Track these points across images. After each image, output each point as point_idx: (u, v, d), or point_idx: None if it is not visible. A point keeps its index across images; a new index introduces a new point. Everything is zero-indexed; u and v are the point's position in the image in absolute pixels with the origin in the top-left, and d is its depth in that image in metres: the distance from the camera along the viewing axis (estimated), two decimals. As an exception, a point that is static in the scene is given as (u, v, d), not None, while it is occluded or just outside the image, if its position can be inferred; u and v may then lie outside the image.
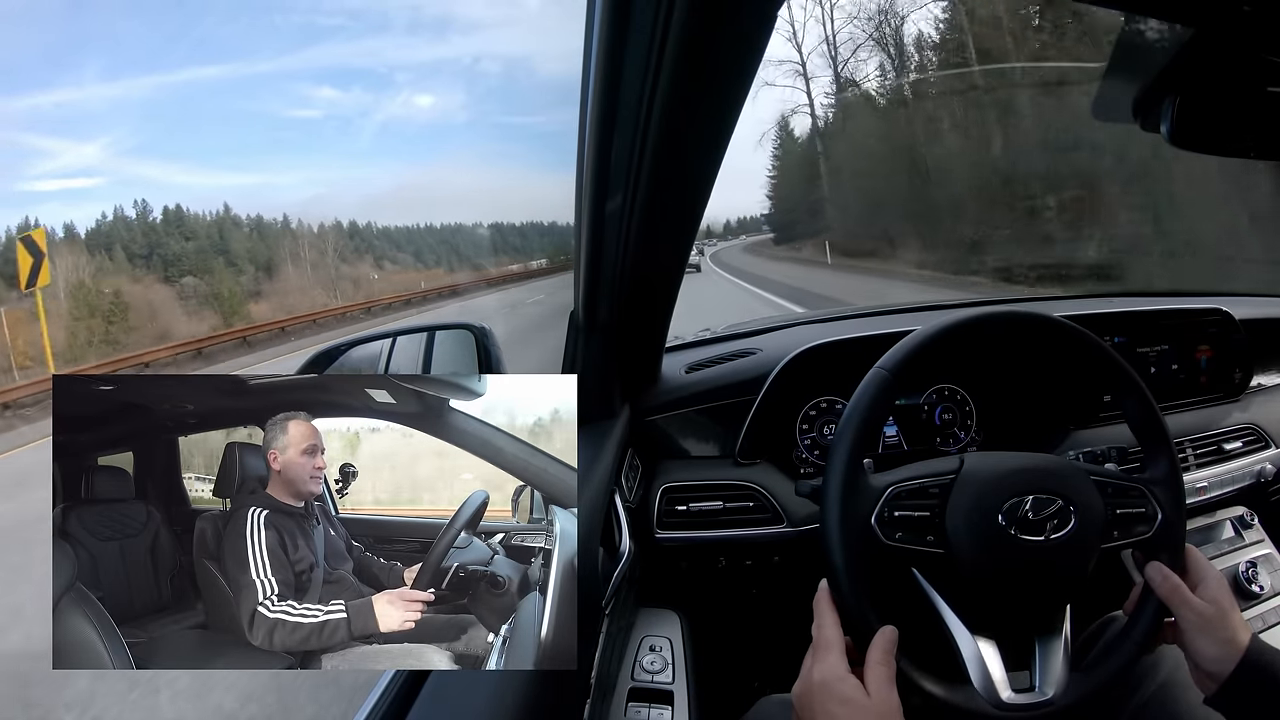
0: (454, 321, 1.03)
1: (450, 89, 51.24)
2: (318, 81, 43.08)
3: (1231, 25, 0.41)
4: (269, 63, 41.49)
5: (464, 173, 47.24)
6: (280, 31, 41.30)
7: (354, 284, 24.65)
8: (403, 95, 48.05)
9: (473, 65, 51.89)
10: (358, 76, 44.73)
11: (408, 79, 46.75)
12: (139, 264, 22.21)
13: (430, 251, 32.09)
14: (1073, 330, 0.68)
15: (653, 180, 0.61)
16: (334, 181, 41.86)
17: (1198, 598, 0.59)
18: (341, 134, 43.36)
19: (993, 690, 0.58)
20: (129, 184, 37.73)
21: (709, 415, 1.09)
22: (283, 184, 39.96)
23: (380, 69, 47.43)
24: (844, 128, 17.18)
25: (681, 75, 0.48)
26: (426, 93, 48.91)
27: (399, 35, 47.73)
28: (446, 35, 52.87)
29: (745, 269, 17.79)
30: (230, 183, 38.90)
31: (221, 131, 37.55)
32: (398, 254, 30.75)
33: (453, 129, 48.64)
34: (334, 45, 44.70)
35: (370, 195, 45.81)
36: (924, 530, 0.61)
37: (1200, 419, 1.14)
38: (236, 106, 38.85)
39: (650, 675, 0.86)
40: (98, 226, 22.78)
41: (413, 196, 42.05)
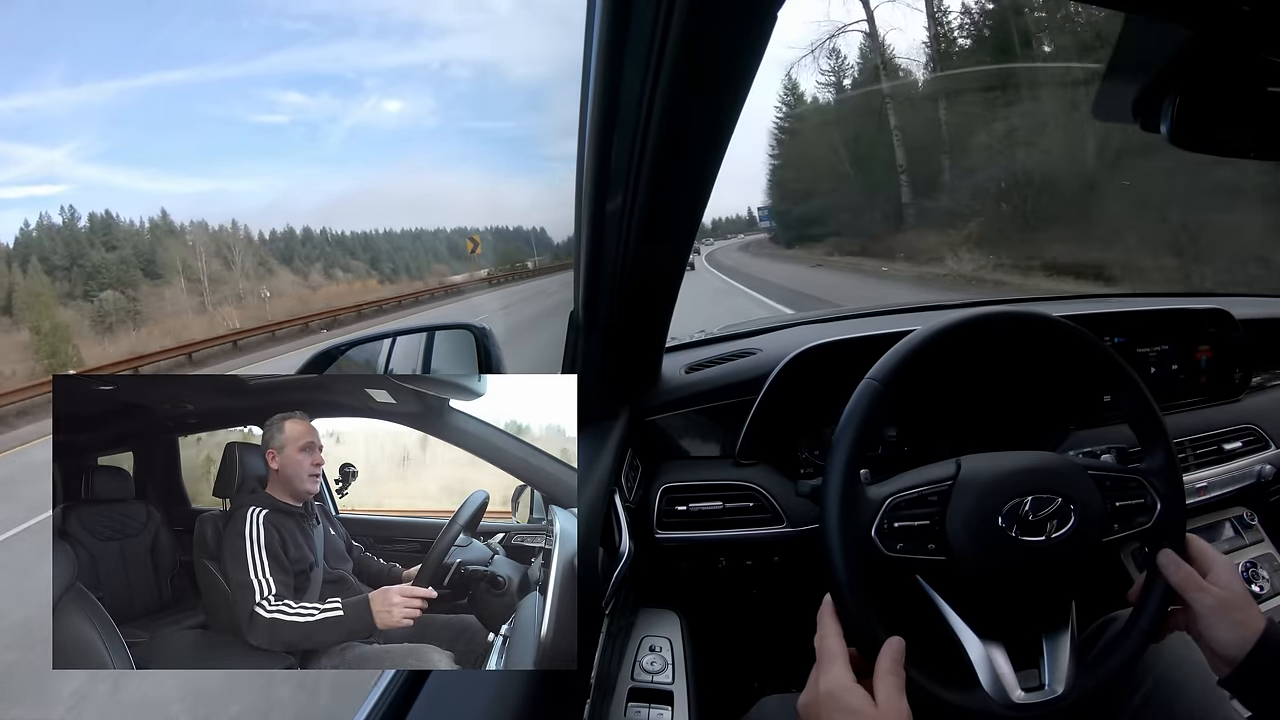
0: (454, 321, 1.03)
1: (419, 94, 50.90)
2: (284, 86, 42.71)
3: (1231, 25, 0.41)
4: (235, 67, 41.00)
5: (427, 177, 46.83)
6: (247, 35, 40.86)
7: (263, 300, 21.34)
8: (371, 100, 47.68)
9: (441, 70, 51.52)
10: (325, 81, 44.25)
11: (376, 84, 46.34)
12: (59, 276, 20.29)
13: (387, 259, 30.96)
14: (1063, 326, 0.68)
15: (653, 180, 0.61)
16: (290, 189, 41.11)
17: (1210, 584, 0.60)
18: (309, 139, 42.82)
19: (1003, 692, 0.58)
20: (94, 190, 37.22)
21: (709, 415, 1.09)
22: (239, 190, 39.30)
23: (348, 74, 47.03)
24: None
25: (681, 75, 0.48)
26: (395, 98, 48.50)
27: (367, 40, 47.19)
28: (415, 40, 52.36)
29: (768, 278, 13.89)
30: (189, 189, 37.95)
31: (187, 137, 37.01)
32: (351, 261, 29.36)
33: (421, 134, 48.23)
34: (301, 50, 44.16)
35: (326, 201, 45.03)
36: (925, 539, 0.61)
37: (1200, 419, 1.14)
38: (202, 111, 38.25)
39: (650, 675, 0.86)
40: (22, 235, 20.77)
41: (371, 202, 41.36)
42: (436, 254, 32.60)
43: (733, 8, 0.44)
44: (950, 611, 0.62)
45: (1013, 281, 9.08)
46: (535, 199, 10.17)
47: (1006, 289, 8.37)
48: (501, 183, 50.87)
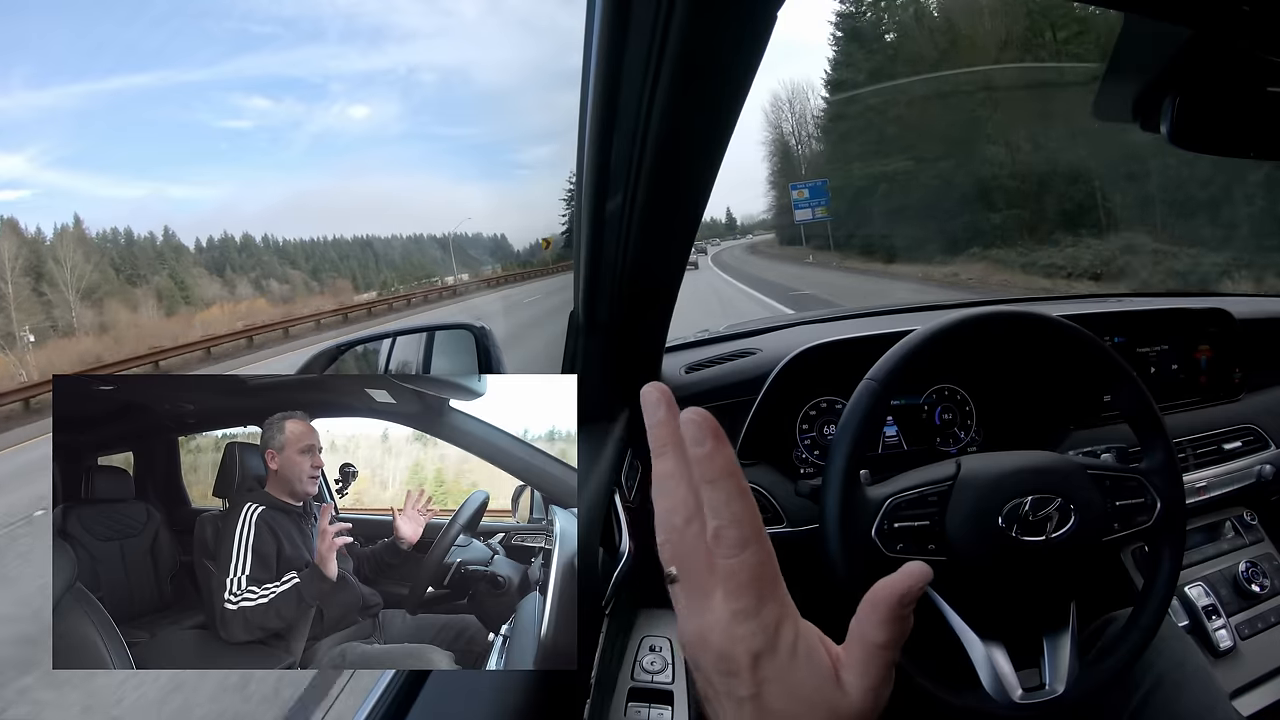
0: (454, 321, 1.03)
1: (385, 99, 50.40)
2: (250, 91, 42.19)
3: (1231, 25, 0.41)
4: (202, 71, 40.36)
5: (387, 182, 46.04)
6: (214, 39, 40.42)
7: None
8: (337, 106, 47.18)
9: (408, 75, 51.01)
10: (291, 86, 43.70)
11: (342, 89, 45.80)
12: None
13: (331, 268, 29.56)
14: (1063, 326, 0.68)
15: (653, 180, 0.61)
16: (235, 196, 40.04)
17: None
18: (272, 144, 42.24)
19: (1004, 691, 0.59)
20: (59, 196, 36.55)
21: None
22: (181, 197, 38.18)
23: (314, 78, 46.54)
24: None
25: (681, 75, 0.48)
26: (361, 103, 48.02)
27: (333, 44, 46.73)
28: (382, 45, 51.83)
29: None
30: (131, 195, 36.72)
31: (153, 141, 36.11)
32: (290, 271, 27.42)
33: (386, 140, 47.73)
34: (267, 54, 43.70)
35: (273, 207, 44.15)
36: (925, 539, 0.61)
37: (1200, 419, 1.14)
38: (167, 116, 37.44)
39: (650, 675, 0.86)
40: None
41: (324, 208, 40.31)
42: (389, 262, 31.40)
43: (733, 8, 0.44)
44: (951, 612, 0.62)
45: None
46: (499, 205, 9.64)
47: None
48: (463, 189, 50.16)
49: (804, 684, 0.29)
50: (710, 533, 0.31)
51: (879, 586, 0.32)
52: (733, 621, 0.30)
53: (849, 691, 0.29)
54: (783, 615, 0.30)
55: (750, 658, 0.29)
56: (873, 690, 0.30)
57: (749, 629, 0.29)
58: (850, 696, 0.29)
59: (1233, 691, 0.92)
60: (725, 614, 0.30)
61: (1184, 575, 1.00)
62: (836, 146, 18.11)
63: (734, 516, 0.31)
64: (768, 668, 0.29)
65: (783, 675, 0.29)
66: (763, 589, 0.30)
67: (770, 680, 0.29)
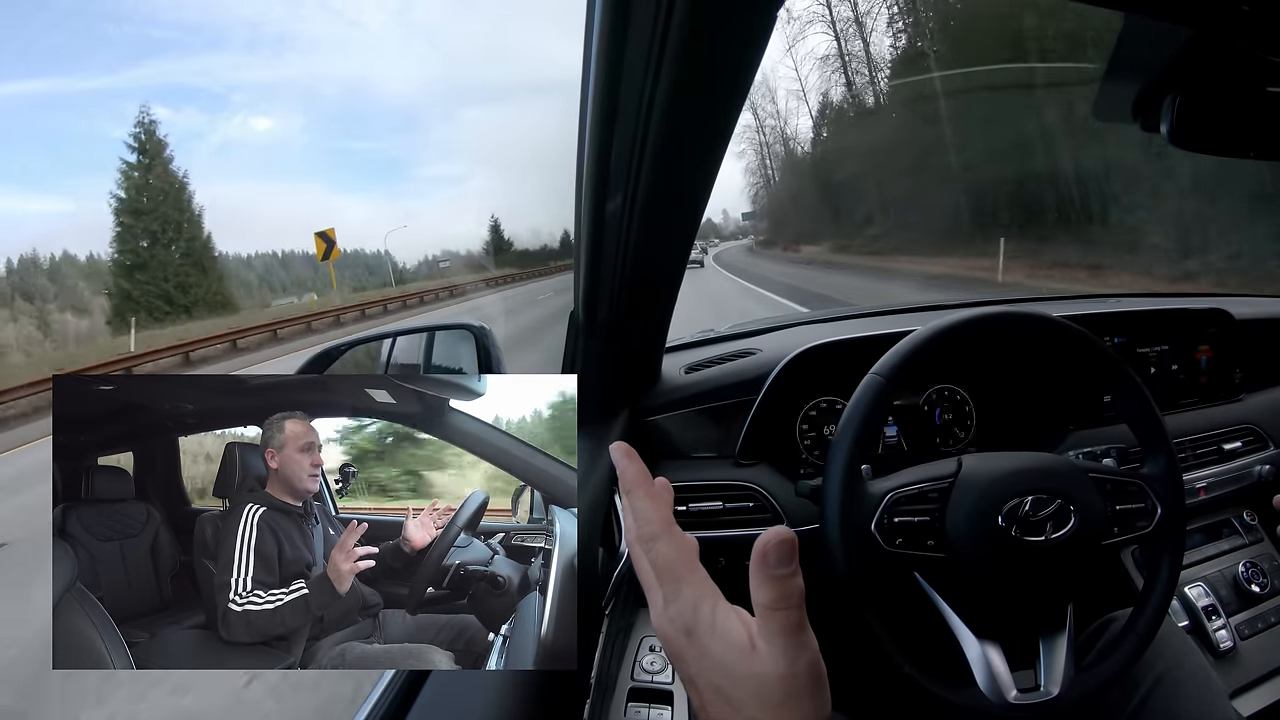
0: (454, 321, 1.03)
1: (289, 111, 49.35)
2: (149, 99, 40.99)
3: (1231, 25, 0.41)
4: (102, 78, 38.81)
5: (280, 195, 44.34)
6: (113, 43, 39.04)
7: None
8: (239, 116, 46.14)
9: (312, 86, 49.93)
10: (192, 95, 42.31)
11: (245, 99, 44.55)
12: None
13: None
14: (1068, 328, 0.68)
15: (653, 180, 0.61)
16: (76, 209, 37.29)
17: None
18: (174, 152, 40.78)
19: (998, 691, 0.59)
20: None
21: (709, 415, 1.09)
22: (39, 211, 35.60)
23: (216, 88, 45.22)
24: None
25: (681, 75, 0.48)
26: (264, 115, 46.89)
27: (237, 53, 45.39)
28: (285, 55, 50.49)
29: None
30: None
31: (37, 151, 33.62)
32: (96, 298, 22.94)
33: (291, 153, 46.37)
34: (168, 61, 42.17)
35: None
36: (924, 535, 0.61)
37: (1200, 419, 1.14)
38: (64, 124, 35.31)
39: (650, 675, 0.86)
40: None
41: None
42: (244, 283, 28.63)
43: (733, 8, 0.44)
44: (948, 609, 0.62)
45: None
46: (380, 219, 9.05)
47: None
48: (340, 199, 48.49)
49: (724, 656, 0.32)
50: (634, 536, 0.36)
51: (753, 550, 0.33)
52: (664, 608, 0.34)
53: (762, 656, 0.32)
54: (700, 596, 0.34)
55: (682, 637, 0.33)
56: (783, 652, 0.32)
57: (673, 612, 0.34)
58: (764, 660, 0.32)
59: (1232, 691, 0.92)
60: (659, 602, 0.35)
61: (1184, 575, 1.00)
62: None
63: (642, 516, 0.36)
64: (695, 646, 0.33)
65: (708, 651, 0.32)
66: (679, 574, 0.35)
67: (699, 658, 0.32)
